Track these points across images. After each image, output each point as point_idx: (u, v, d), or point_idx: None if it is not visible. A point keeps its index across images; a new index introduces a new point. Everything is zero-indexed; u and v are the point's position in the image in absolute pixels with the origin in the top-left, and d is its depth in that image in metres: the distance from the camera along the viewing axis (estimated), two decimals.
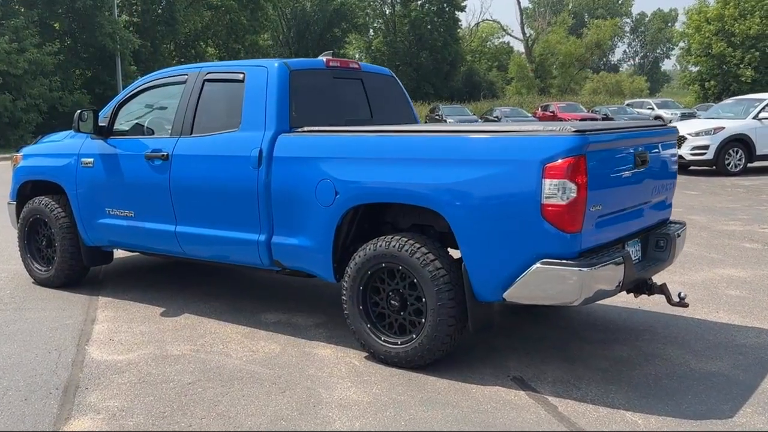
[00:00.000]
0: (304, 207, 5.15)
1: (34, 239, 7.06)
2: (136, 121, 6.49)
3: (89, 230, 6.54)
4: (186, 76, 6.05)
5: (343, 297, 5.00)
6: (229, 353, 5.12)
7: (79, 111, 6.25)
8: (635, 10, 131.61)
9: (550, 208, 4.11)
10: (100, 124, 6.36)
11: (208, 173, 5.65)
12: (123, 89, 25.43)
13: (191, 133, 5.84)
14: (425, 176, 4.54)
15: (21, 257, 7.15)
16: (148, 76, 6.47)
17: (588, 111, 40.81)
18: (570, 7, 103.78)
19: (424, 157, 4.59)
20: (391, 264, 4.73)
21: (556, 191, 4.09)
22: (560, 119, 35.48)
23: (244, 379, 4.63)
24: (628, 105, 42.40)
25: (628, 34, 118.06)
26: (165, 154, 5.86)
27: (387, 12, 71.81)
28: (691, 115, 36.37)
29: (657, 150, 5.07)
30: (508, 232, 4.28)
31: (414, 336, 4.68)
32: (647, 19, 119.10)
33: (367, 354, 4.99)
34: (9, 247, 8.81)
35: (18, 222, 7.14)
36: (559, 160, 4.07)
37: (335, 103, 6.00)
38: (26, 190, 7.21)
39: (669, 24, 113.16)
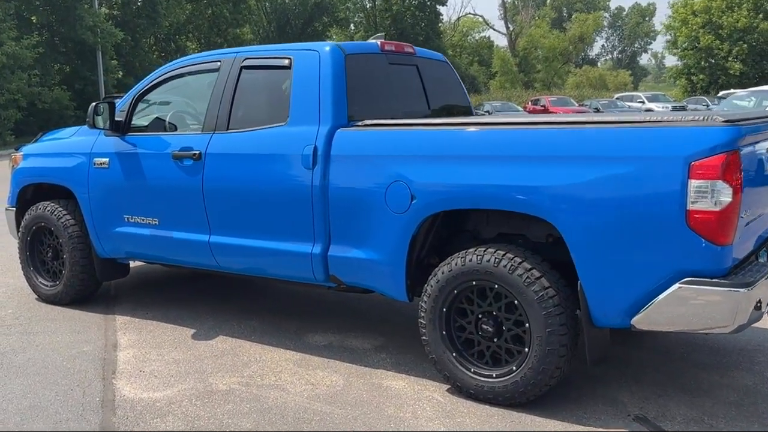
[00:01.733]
0: (370, 214, 4.39)
1: (37, 250, 6.22)
2: (158, 116, 5.67)
3: (104, 240, 5.72)
4: (219, 63, 5.25)
5: (421, 320, 4.24)
6: (285, 387, 4.34)
7: (94, 104, 5.43)
8: (613, 5, 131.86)
9: (697, 216, 3.38)
10: (116, 119, 5.53)
11: (249, 175, 4.87)
12: (104, 85, 24.31)
13: (227, 129, 5.05)
14: (530, 177, 3.78)
15: (23, 270, 6.30)
16: (171, 63, 5.65)
17: (578, 105, 40.24)
18: (549, 0, 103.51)
19: (530, 154, 3.83)
20: (484, 282, 3.98)
21: (705, 194, 3.36)
22: (552, 113, 34.86)
23: (313, 422, 3.86)
24: (617, 98, 41.96)
25: (606, 29, 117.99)
26: (197, 152, 5.06)
27: (368, 6, 70.83)
28: (683, 109, 35.94)
29: None
30: (640, 245, 3.54)
31: (514, 368, 3.93)
32: (624, 13, 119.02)
33: (449, 387, 4.24)
34: (5, 256, 7.95)
35: (19, 231, 6.28)
36: (711, 157, 3.34)
37: (391, 93, 5.26)
38: (27, 195, 6.35)
39: (647, 18, 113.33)
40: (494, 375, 4.00)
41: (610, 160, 3.57)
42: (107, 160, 5.57)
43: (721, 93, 41.97)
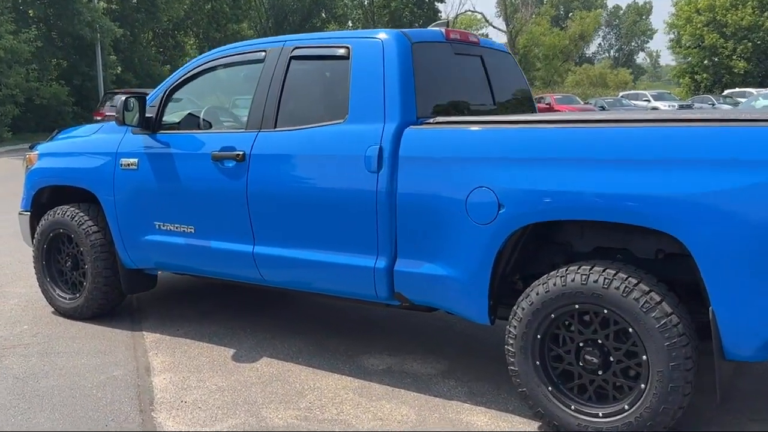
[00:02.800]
0: (446, 224, 3.85)
1: (55, 259, 5.64)
2: (192, 112, 5.12)
3: (131, 249, 5.15)
4: (264, 53, 4.70)
5: (509, 348, 3.69)
6: (351, 422, 3.79)
7: (124, 98, 4.86)
8: (610, 3, 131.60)
9: None
10: (146, 115, 4.97)
11: (301, 179, 4.35)
12: (103, 81, 23.50)
13: (275, 127, 4.50)
14: (653, 184, 3.23)
15: (38, 281, 5.72)
16: (207, 54, 5.09)
17: (583, 103, 39.74)
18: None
19: (654, 157, 3.27)
20: (590, 306, 3.43)
21: None
22: (557, 111, 34.36)
23: None
24: (622, 97, 41.48)
25: (603, 27, 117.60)
26: (240, 153, 4.51)
27: (366, 2, 70.32)
28: (689, 107, 35.46)
29: None
30: None
31: (626, 407, 3.38)
32: (621, 11, 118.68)
33: (540, 424, 3.70)
34: (13, 262, 7.37)
35: (34, 238, 5.70)
36: None
37: (458, 86, 4.72)
38: (43, 198, 5.77)
39: (643, 17, 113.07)
40: (600, 414, 3.45)
41: (763, 165, 3.02)
42: (136, 160, 5.01)
43: (726, 92, 41.66)
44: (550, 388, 3.58)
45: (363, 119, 4.15)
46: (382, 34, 4.25)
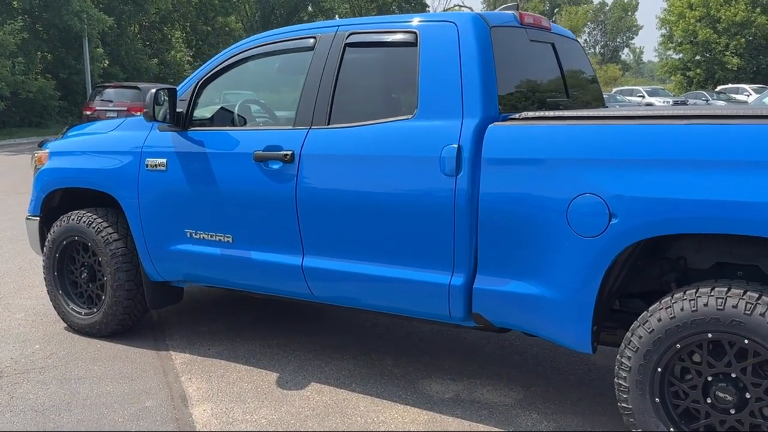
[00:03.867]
0: (540, 236, 3.33)
1: (68, 270, 5.05)
2: (229, 106, 4.57)
3: (157, 260, 4.59)
4: (314, 40, 4.14)
5: (620, 382, 3.18)
6: None
7: (154, 91, 4.28)
8: None
9: None
10: (177, 110, 4.41)
11: (362, 182, 3.80)
12: (90, 74, 22.63)
13: (328, 123, 3.95)
14: None
15: (49, 294, 5.12)
16: (244, 41, 4.52)
17: None
18: None
19: None
20: (726, 335, 2.91)
21: None
22: None
23: None
24: (616, 93, 41.12)
25: (588, 24, 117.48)
26: (288, 153, 3.96)
27: None
28: (683, 103, 35.17)
29: None
30: None
31: None
32: (607, 7, 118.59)
33: None
34: (14, 269, 6.75)
35: (44, 246, 5.12)
36: None
37: (534, 76, 4.21)
38: (54, 201, 5.19)
39: (629, 13, 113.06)
40: None
41: None
42: (164, 161, 4.45)
43: (719, 88, 41.43)
44: (672, 430, 3.07)
45: (436, 115, 3.62)
46: (456, 17, 3.73)
